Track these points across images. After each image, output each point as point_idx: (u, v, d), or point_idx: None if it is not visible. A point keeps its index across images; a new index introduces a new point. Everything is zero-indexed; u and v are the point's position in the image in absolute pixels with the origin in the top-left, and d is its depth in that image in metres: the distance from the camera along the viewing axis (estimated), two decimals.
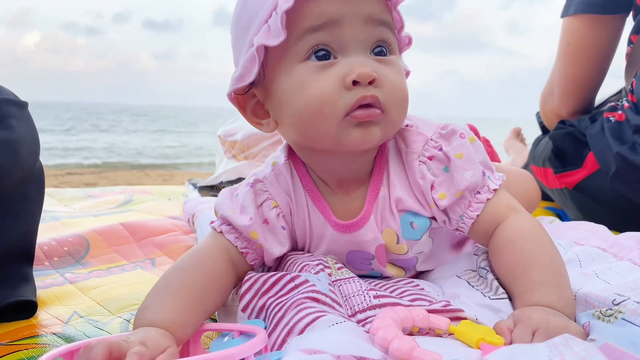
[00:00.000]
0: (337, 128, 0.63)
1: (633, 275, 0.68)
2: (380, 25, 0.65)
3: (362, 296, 0.64)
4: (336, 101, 0.62)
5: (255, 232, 0.69)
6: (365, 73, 0.61)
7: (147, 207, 1.39)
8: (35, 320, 0.75)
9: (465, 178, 0.68)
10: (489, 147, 1.32)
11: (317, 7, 0.62)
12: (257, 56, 0.63)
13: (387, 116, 0.64)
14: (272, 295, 0.64)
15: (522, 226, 0.67)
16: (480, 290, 0.68)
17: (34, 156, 0.91)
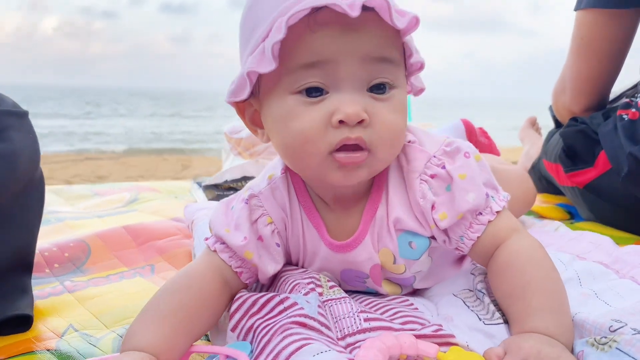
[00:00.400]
0: (319, 166, 0.62)
1: (633, 297, 0.66)
2: (380, 62, 0.61)
3: (353, 319, 0.63)
4: (319, 139, 0.60)
5: (249, 252, 0.68)
6: (352, 113, 0.59)
7: (153, 206, 1.39)
8: (32, 334, 0.75)
9: (467, 200, 0.65)
10: (488, 139, 1.29)
11: (311, 43, 0.59)
12: (247, 80, 0.61)
13: (373, 156, 0.62)
14: (260, 316, 0.63)
15: (522, 248, 0.65)
16: (476, 312, 0.66)
17: (33, 166, 0.91)
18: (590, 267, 0.74)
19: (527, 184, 1.07)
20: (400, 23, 0.59)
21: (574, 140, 1.38)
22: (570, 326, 0.59)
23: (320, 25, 0.59)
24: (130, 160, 6.41)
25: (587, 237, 0.87)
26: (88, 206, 1.44)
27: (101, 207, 1.43)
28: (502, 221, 0.67)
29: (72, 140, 9.72)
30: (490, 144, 1.29)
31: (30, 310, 0.78)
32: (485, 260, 0.68)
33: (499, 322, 0.64)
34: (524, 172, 1.11)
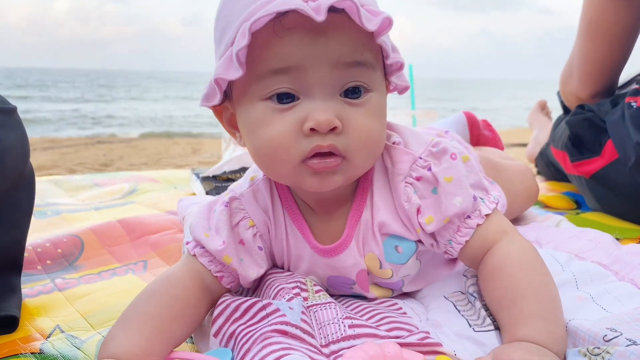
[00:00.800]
0: (292, 173, 0.60)
1: (631, 301, 0.63)
2: (352, 67, 0.58)
3: (337, 325, 0.61)
4: (291, 148, 0.58)
5: (228, 257, 0.66)
6: (323, 121, 0.56)
7: (150, 198, 1.38)
8: (18, 335, 0.74)
9: (453, 204, 0.63)
10: (492, 131, 1.26)
11: (278, 49, 0.56)
12: (216, 87, 0.59)
13: (349, 162, 0.60)
14: (242, 322, 0.62)
15: (512, 252, 0.63)
16: (467, 318, 0.64)
17: (22, 163, 0.89)
18: (588, 267, 0.71)
19: (530, 181, 1.04)
20: (372, 25, 0.55)
21: (580, 128, 1.33)
22: (562, 334, 0.57)
23: (287, 29, 0.56)
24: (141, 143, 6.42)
25: (587, 235, 0.84)
26: (87, 197, 1.43)
27: (99, 198, 1.42)
28: (492, 224, 0.65)
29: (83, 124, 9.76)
30: (494, 137, 1.26)
31: (17, 311, 0.77)
32: (475, 263, 0.66)
33: (489, 328, 0.62)
34: (527, 167, 1.08)
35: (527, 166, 1.08)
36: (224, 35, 0.60)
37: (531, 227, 0.95)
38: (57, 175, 1.73)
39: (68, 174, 2.17)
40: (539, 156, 1.97)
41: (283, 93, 0.58)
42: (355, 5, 0.53)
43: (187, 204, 1.12)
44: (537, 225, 0.96)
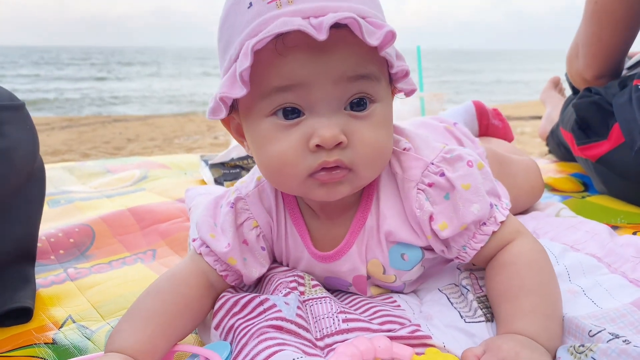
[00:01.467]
0: (300, 186, 0.61)
1: (621, 294, 0.65)
2: (357, 80, 0.58)
3: (332, 319, 0.63)
4: (298, 164, 0.59)
5: (233, 259, 0.68)
6: (329, 137, 0.57)
7: (160, 185, 1.41)
8: (33, 325, 0.78)
9: (471, 211, 0.63)
10: (501, 121, 1.25)
11: (281, 67, 0.57)
12: (221, 104, 0.59)
13: (356, 174, 0.61)
14: (241, 317, 0.64)
15: (525, 251, 0.64)
16: (459, 310, 0.66)
17: (31, 158, 0.92)
18: (582, 259, 0.72)
19: (535, 178, 1.04)
20: (374, 40, 0.55)
21: (587, 112, 1.32)
22: (558, 333, 0.59)
23: (289, 48, 0.56)
24: (157, 121, 6.48)
25: (584, 226, 0.84)
26: (99, 185, 1.47)
27: (111, 185, 1.46)
28: (506, 228, 0.66)
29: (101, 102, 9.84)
30: (504, 126, 1.25)
31: (31, 302, 0.81)
32: (485, 262, 0.67)
33: (480, 320, 0.63)
34: (533, 163, 1.07)
35: (533, 162, 1.08)
36: (228, 49, 0.60)
37: (531, 217, 0.96)
38: (70, 162, 1.76)
39: (82, 158, 2.21)
40: (550, 135, 1.95)
41: (288, 108, 0.59)
42: (356, 21, 0.53)
43: (193, 194, 1.14)
44: (537, 215, 0.97)
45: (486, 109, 1.23)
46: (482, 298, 0.67)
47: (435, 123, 0.95)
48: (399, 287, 0.73)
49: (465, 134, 0.96)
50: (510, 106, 7.30)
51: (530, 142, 3.19)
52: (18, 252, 0.87)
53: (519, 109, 6.05)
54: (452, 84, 13.99)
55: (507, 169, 0.98)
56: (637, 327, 0.58)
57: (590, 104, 1.31)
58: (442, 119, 1.00)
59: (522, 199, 1.02)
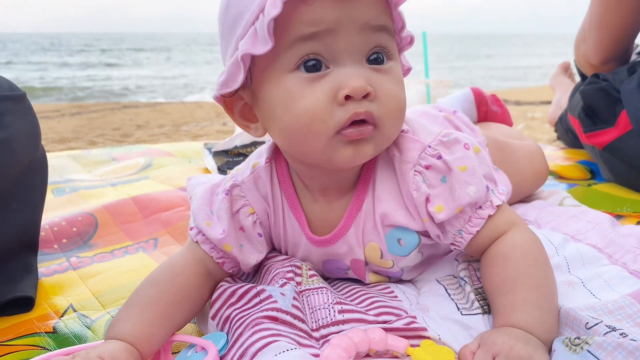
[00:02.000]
0: (326, 146, 0.59)
1: (620, 286, 0.64)
2: (378, 31, 0.59)
3: (328, 310, 0.63)
4: (327, 119, 0.57)
5: (228, 245, 0.68)
6: (359, 87, 0.56)
7: (164, 173, 1.42)
8: (35, 314, 0.79)
9: (467, 193, 0.63)
10: (500, 107, 1.24)
11: (310, 13, 0.56)
12: (241, 64, 0.58)
13: (380, 131, 0.60)
14: (237, 307, 0.65)
15: (519, 242, 0.64)
16: (456, 302, 0.66)
17: (33, 148, 0.92)
18: (582, 250, 0.71)
19: (539, 163, 1.02)
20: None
21: (594, 99, 1.30)
22: (553, 325, 0.58)
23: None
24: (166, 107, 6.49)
25: (586, 216, 0.83)
26: (103, 173, 1.48)
27: (115, 173, 1.46)
28: (502, 215, 0.65)
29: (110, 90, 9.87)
30: (503, 112, 1.23)
31: (32, 291, 0.82)
32: (480, 252, 0.67)
33: (477, 312, 0.63)
34: (537, 147, 1.06)
35: (537, 146, 1.06)
36: (240, 19, 0.59)
37: (533, 206, 0.95)
38: (76, 150, 1.77)
39: (88, 146, 2.22)
40: (559, 121, 1.93)
41: (311, 62, 0.58)
42: None
43: (195, 183, 1.14)
44: (539, 204, 0.96)
45: (485, 96, 1.21)
46: (480, 289, 0.66)
47: (435, 112, 0.94)
48: (397, 273, 0.73)
49: (464, 122, 0.95)
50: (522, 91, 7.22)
51: (540, 127, 3.15)
52: (20, 241, 0.87)
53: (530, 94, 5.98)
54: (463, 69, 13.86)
55: (508, 155, 0.97)
56: (635, 319, 0.57)
57: (597, 90, 1.29)
58: (442, 107, 0.98)
59: (525, 185, 1.01)
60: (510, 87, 8.91)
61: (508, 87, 9.04)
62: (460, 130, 0.91)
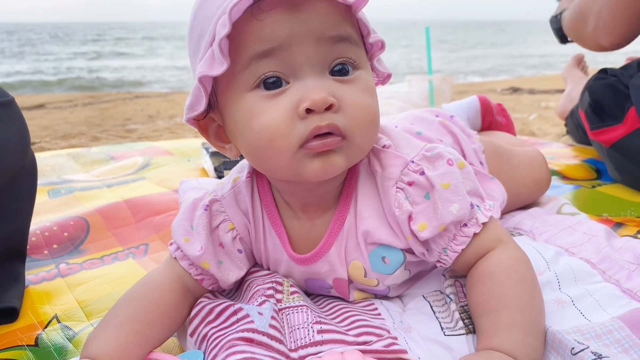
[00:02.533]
0: (292, 161, 0.57)
1: (611, 306, 0.61)
2: (338, 42, 0.57)
3: (307, 330, 0.62)
4: (288, 133, 0.55)
5: (206, 262, 0.66)
6: (319, 100, 0.54)
7: (161, 174, 1.40)
8: (19, 325, 0.78)
9: (450, 211, 0.61)
10: (505, 117, 1.21)
11: (261, 29, 0.55)
12: (201, 87, 0.57)
13: (350, 142, 0.57)
14: (215, 325, 0.63)
15: (505, 260, 0.61)
16: (440, 321, 0.64)
17: (21, 154, 0.91)
18: (574, 266, 0.69)
19: (539, 170, 0.99)
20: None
21: (601, 95, 1.26)
22: (538, 349, 0.56)
23: (267, 12, 0.54)
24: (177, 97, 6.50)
25: (582, 227, 0.80)
26: (101, 173, 1.47)
27: (113, 173, 1.46)
28: (489, 232, 0.63)
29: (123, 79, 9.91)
30: (508, 123, 1.21)
31: (18, 302, 0.81)
32: (466, 269, 0.65)
33: (460, 332, 0.61)
34: (538, 154, 1.02)
35: (538, 153, 1.02)
36: (202, 40, 0.58)
37: (529, 214, 0.92)
38: (76, 148, 1.76)
39: (91, 142, 2.22)
40: (570, 116, 1.88)
41: (271, 79, 0.56)
42: None
43: (186, 187, 1.13)
44: (536, 212, 0.92)
45: (491, 105, 1.18)
46: (466, 307, 0.64)
47: (431, 117, 0.91)
48: (383, 291, 0.71)
49: (461, 128, 0.92)
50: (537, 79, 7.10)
51: (554, 118, 3.09)
52: (8, 250, 0.87)
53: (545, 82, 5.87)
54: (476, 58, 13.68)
55: (507, 162, 0.94)
56: (623, 345, 0.55)
57: (605, 86, 1.25)
58: (439, 111, 0.95)
59: (524, 192, 0.98)
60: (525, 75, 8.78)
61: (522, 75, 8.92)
62: (456, 137, 0.89)
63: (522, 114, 3.22)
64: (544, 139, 2.11)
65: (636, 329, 0.56)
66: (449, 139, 0.88)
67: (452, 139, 0.88)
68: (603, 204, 1.12)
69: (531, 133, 2.30)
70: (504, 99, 4.25)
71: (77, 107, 4.78)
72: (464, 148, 0.88)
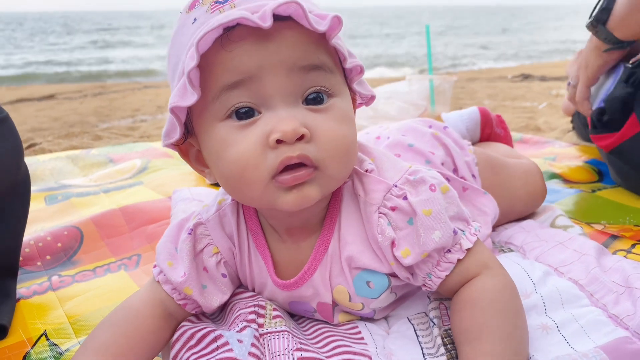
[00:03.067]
0: (264, 193, 0.56)
1: (596, 333, 0.60)
2: (311, 70, 0.56)
3: (287, 356, 0.61)
4: (259, 164, 0.55)
5: (189, 288, 0.66)
6: (289, 131, 0.53)
7: (158, 178, 1.40)
8: (7, 343, 0.78)
9: (432, 239, 0.60)
10: (504, 129, 1.19)
11: (231, 60, 0.54)
12: (173, 118, 0.57)
13: (323, 172, 0.56)
14: (196, 351, 0.63)
15: (489, 287, 0.60)
16: (422, 345, 0.63)
17: (14, 170, 0.90)
18: (562, 288, 0.68)
19: (534, 183, 0.97)
20: (322, 26, 0.53)
21: (610, 105, 1.22)
22: None
23: (236, 42, 0.54)
24: None
25: (573, 243, 0.79)
26: (98, 177, 1.47)
27: (110, 178, 1.46)
28: (473, 257, 0.62)
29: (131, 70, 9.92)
30: (506, 135, 1.19)
31: (7, 319, 0.81)
32: (451, 294, 0.64)
33: (442, 359, 0.60)
34: (534, 167, 1.00)
35: (534, 165, 1.00)
36: (176, 70, 0.58)
37: (521, 227, 0.90)
38: (77, 150, 1.77)
39: (93, 141, 2.22)
40: (577, 114, 1.84)
41: (242, 110, 0.56)
42: (301, 7, 0.51)
43: (178, 197, 1.12)
44: (529, 225, 0.91)
45: (491, 117, 1.17)
46: (449, 331, 0.64)
47: (423, 128, 0.89)
48: (368, 314, 0.70)
49: (454, 140, 0.90)
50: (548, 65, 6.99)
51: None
52: (1, 265, 0.87)
53: (557, 69, 5.77)
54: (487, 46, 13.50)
55: (500, 175, 0.93)
56: None
57: (613, 99, 1.21)
58: (432, 122, 0.94)
59: (518, 205, 0.96)
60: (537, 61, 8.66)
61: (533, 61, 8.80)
62: (448, 149, 0.87)
63: (532, 102, 3.17)
64: (548, 135, 2.08)
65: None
66: (441, 151, 0.86)
67: (444, 151, 0.86)
68: (602, 210, 1.10)
69: (537, 128, 2.26)
70: (515, 86, 4.20)
71: (86, 97, 4.79)
72: (456, 161, 0.86)
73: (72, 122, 3.03)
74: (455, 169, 0.86)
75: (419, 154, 0.84)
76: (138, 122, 2.95)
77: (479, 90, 3.82)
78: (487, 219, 0.82)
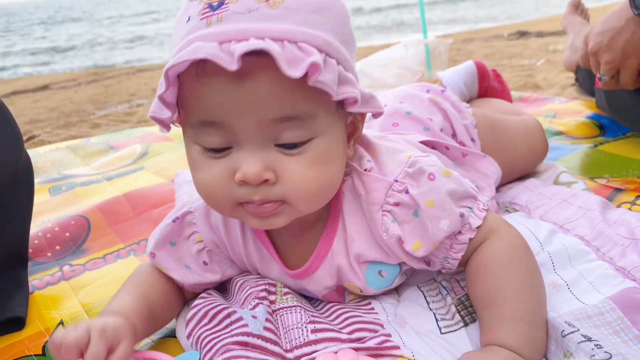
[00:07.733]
0: (233, 213, 0.59)
1: (605, 287, 0.61)
2: (284, 122, 0.52)
3: (301, 330, 0.62)
4: (223, 195, 0.56)
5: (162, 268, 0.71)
6: (251, 175, 0.52)
7: (159, 162, 1.41)
8: (26, 334, 0.80)
9: (440, 228, 0.60)
10: (501, 83, 1.18)
11: (204, 99, 0.52)
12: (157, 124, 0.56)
13: (291, 206, 0.56)
14: (209, 328, 0.64)
15: (498, 251, 0.61)
16: (435, 313, 0.64)
17: (15, 157, 0.90)
18: (569, 244, 0.68)
19: (535, 140, 0.97)
20: (296, 71, 0.48)
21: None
22: (542, 340, 0.56)
23: (210, 76, 0.51)
24: None
25: (577, 200, 0.79)
26: (100, 165, 1.48)
27: (112, 165, 1.46)
28: (482, 228, 0.62)
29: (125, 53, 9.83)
30: (503, 89, 1.18)
31: (23, 309, 0.82)
32: (464, 265, 0.65)
33: (458, 327, 0.62)
34: (534, 123, 1.00)
35: (534, 121, 0.99)
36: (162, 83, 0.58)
37: (525, 187, 0.90)
38: (76, 140, 1.77)
39: (91, 129, 2.22)
40: (578, 67, 1.82)
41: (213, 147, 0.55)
42: (276, 49, 0.47)
43: (181, 180, 1.13)
44: (533, 184, 0.91)
45: (487, 70, 1.16)
46: (463, 298, 0.64)
47: (421, 94, 0.89)
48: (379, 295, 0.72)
49: (452, 103, 0.89)
50: (544, 20, 6.88)
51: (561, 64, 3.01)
52: (9, 256, 0.87)
53: (553, 23, 5.67)
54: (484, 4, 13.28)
55: (501, 134, 0.92)
56: (614, 327, 0.55)
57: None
58: (430, 86, 0.93)
59: (520, 163, 0.96)
60: (532, 17, 8.53)
61: (528, 18, 8.67)
62: (446, 114, 0.87)
63: (530, 60, 3.14)
64: (548, 92, 2.06)
65: (627, 310, 0.56)
66: (439, 116, 0.86)
67: (442, 116, 0.86)
68: (604, 164, 1.10)
69: (535, 86, 2.24)
70: (511, 44, 4.14)
71: (81, 85, 4.75)
72: (454, 125, 0.86)
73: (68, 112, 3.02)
74: (454, 134, 0.86)
75: (417, 122, 0.84)
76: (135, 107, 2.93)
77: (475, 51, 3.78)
78: (489, 181, 0.82)
